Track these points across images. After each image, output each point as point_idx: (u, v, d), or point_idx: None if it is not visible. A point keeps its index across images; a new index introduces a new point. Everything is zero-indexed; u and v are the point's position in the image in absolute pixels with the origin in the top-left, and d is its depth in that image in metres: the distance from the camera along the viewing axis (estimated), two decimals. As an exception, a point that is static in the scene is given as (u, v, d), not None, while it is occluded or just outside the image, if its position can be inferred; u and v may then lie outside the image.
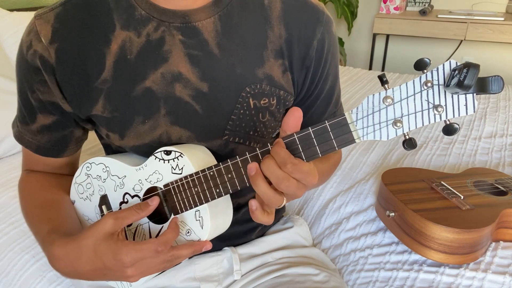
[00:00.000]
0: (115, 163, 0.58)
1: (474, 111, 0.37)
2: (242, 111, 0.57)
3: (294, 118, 0.43)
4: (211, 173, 0.50)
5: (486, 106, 1.57)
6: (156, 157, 0.54)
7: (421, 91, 0.38)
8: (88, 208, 0.62)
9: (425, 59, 0.37)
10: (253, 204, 0.45)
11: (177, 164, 0.53)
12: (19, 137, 0.63)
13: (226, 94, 0.55)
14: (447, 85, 0.36)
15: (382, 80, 0.39)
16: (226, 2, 0.54)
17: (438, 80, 0.37)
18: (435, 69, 0.37)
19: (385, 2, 2.73)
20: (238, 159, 0.47)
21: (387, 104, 0.39)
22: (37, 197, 0.62)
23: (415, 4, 2.88)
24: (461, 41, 2.76)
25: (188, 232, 0.55)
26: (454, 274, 0.72)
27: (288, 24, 0.56)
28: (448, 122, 0.38)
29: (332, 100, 0.67)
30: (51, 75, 0.54)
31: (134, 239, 0.59)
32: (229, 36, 0.54)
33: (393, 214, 0.79)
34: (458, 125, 0.37)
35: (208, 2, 0.54)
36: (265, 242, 0.72)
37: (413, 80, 0.38)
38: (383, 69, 3.15)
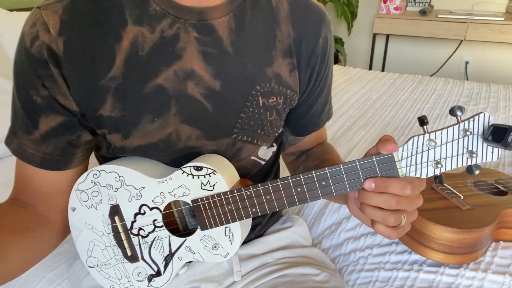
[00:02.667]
0: (130, 173, 0.56)
1: (497, 159, 0.44)
2: (251, 110, 0.57)
3: (390, 141, 0.45)
4: (248, 193, 0.49)
5: (486, 106, 1.57)
6: (184, 171, 0.53)
7: (458, 138, 0.43)
8: (92, 217, 0.59)
9: (460, 106, 0.42)
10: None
11: (209, 181, 0.52)
12: (19, 151, 0.57)
13: (237, 92, 0.55)
14: (485, 138, 0.42)
15: (423, 121, 0.44)
16: (240, 0, 0.55)
17: (473, 129, 0.43)
18: (471, 119, 0.42)
19: (385, 2, 2.74)
20: (279, 182, 0.48)
21: (430, 146, 0.44)
22: None
23: (415, 4, 2.88)
24: (461, 41, 2.77)
25: (216, 247, 0.54)
26: (454, 274, 0.72)
27: (295, 24, 0.58)
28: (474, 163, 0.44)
29: (329, 99, 0.69)
30: (57, 68, 0.51)
31: (150, 252, 0.57)
32: (242, 34, 0.55)
33: (393, 214, 0.79)
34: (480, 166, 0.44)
35: (224, 0, 0.54)
36: (265, 242, 0.72)
37: (453, 127, 0.43)
38: (383, 69, 3.15)
